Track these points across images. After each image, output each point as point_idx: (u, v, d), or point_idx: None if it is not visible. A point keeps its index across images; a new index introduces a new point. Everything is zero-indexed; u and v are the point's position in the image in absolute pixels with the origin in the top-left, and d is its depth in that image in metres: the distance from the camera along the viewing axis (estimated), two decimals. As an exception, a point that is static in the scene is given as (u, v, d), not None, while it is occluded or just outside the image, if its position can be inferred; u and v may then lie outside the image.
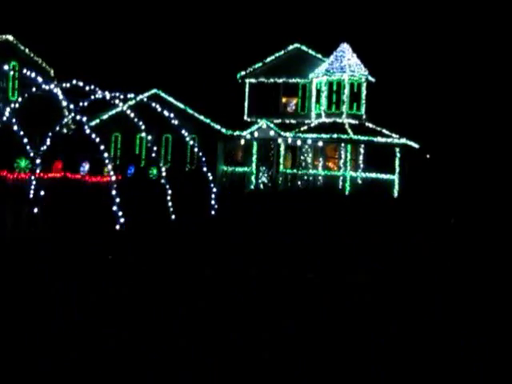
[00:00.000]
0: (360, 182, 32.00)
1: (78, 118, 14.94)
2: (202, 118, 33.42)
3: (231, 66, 39.50)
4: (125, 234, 13.77)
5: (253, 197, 31.56)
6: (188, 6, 61.88)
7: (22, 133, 15.55)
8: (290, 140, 32.74)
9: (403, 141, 32.17)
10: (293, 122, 35.14)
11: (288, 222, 20.39)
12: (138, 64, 50.28)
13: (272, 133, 33.07)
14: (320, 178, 32.23)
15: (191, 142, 20.49)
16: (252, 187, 33.15)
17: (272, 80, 35.81)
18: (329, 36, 47.35)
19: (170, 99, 33.17)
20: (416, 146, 33.65)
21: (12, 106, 15.37)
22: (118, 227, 13.94)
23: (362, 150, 34.35)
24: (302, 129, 33.28)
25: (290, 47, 35.86)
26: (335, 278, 10.56)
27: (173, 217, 17.89)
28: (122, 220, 14.01)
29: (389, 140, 32.05)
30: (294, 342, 6.81)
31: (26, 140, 15.84)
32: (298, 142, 32.78)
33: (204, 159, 20.43)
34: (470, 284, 10.84)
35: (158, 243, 13.52)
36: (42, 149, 17.39)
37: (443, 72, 50.65)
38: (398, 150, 32.28)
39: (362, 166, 33.97)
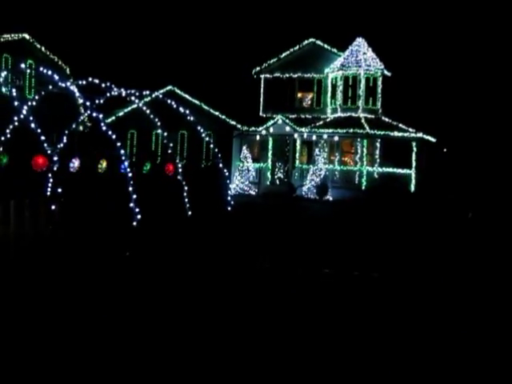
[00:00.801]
0: (377, 176, 31.81)
1: (95, 115, 14.99)
2: (217, 114, 33.41)
3: (246, 62, 39.42)
4: (142, 231, 13.82)
5: (269, 192, 31.54)
6: (203, 2, 61.88)
7: (39, 131, 15.63)
8: (305, 135, 32.63)
9: (420, 135, 31.94)
10: (308, 117, 35.01)
11: (303, 218, 20.35)
12: (153, 61, 50.36)
13: (288, 128, 32.99)
14: (336, 173, 32.10)
15: (207, 139, 20.51)
16: (268, 183, 33.10)
17: (287, 75, 35.70)
18: (344, 31, 47.12)
19: (186, 96, 33.17)
20: (433, 140, 33.38)
21: (29, 103, 15.45)
22: (134, 224, 13.98)
23: (378, 145, 34.14)
24: (317, 124, 33.16)
25: (305, 42, 35.71)
26: (351, 273, 10.51)
27: (189, 213, 17.92)
28: (138, 217, 14.05)
29: (405, 134, 31.84)
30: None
31: (43, 138, 15.92)
32: (314, 137, 32.67)
33: (220, 155, 20.45)
34: (485, 281, 10.73)
35: (175, 240, 13.55)
36: (58, 146, 17.48)
37: (459, 65, 50.18)
38: (414, 144, 32.05)
39: (378, 160, 33.76)
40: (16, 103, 14.91)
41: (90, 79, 15.41)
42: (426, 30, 53.16)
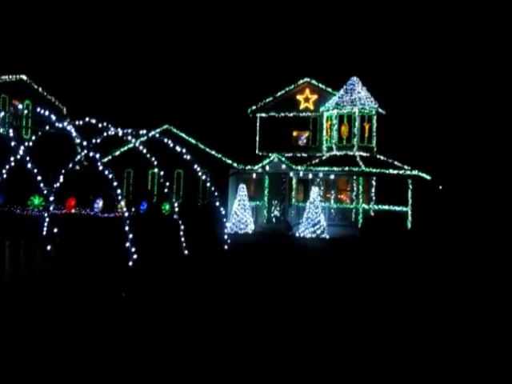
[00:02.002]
0: (373, 214, 31.81)
1: (91, 154, 15.01)
2: (213, 152, 33.51)
3: (242, 101, 39.73)
4: (138, 271, 13.71)
5: (266, 230, 31.45)
6: (199, 42, 62.69)
7: (35, 170, 15.62)
8: (301, 173, 32.72)
9: (415, 172, 32.06)
10: (304, 155, 35.16)
11: (300, 258, 20.24)
12: (149, 100, 50.74)
13: (283, 166, 33.09)
14: (333, 210, 32.10)
15: (203, 177, 20.52)
16: (264, 221, 33.04)
17: (283, 114, 35.99)
18: (338, 70, 47.66)
19: (182, 134, 33.34)
20: (428, 177, 33.50)
21: (26, 144, 15.49)
22: (130, 264, 13.88)
23: (373, 183, 34.23)
24: (313, 162, 33.28)
25: (300, 81, 36.10)
26: (343, 318, 10.41)
27: (186, 252, 17.82)
28: (134, 256, 13.96)
29: (400, 172, 31.95)
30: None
31: (39, 177, 15.91)
32: (310, 176, 32.75)
33: (216, 194, 20.45)
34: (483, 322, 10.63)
35: (171, 280, 13.43)
36: (55, 186, 17.46)
37: (453, 103, 50.72)
38: (410, 181, 32.16)
39: (374, 198, 33.81)
40: (13, 143, 14.95)
41: (87, 119, 15.49)
42: (419, 68, 53.82)
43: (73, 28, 55.57)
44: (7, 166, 15.09)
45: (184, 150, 18.86)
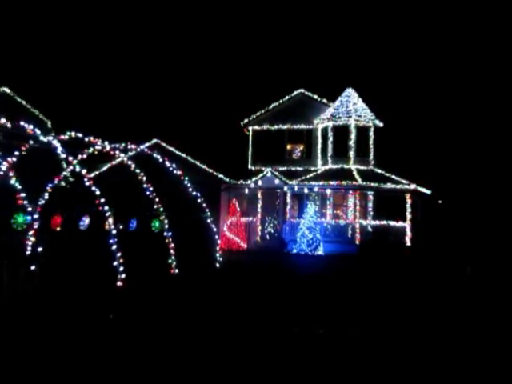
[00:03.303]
0: (370, 229, 31.81)
1: (77, 170, 14.97)
2: (204, 167, 33.50)
3: (234, 114, 39.94)
4: (126, 291, 13.63)
5: (259, 248, 31.39)
6: (189, 54, 62.93)
7: (18, 187, 15.56)
8: (296, 188, 32.74)
9: (413, 187, 32.11)
10: (299, 169, 35.22)
11: (295, 275, 20.18)
12: (138, 114, 50.85)
13: (277, 181, 33.11)
14: (329, 226, 32.07)
15: (194, 193, 20.49)
16: (258, 238, 32.97)
17: (276, 127, 36.07)
18: (333, 81, 48.01)
19: (172, 149, 33.31)
20: (427, 191, 33.59)
21: (9, 159, 15.42)
22: (119, 283, 13.80)
23: (371, 197, 34.25)
24: (308, 176, 33.31)
25: (294, 93, 36.24)
26: (340, 331, 10.37)
27: (176, 271, 17.75)
28: (123, 276, 13.89)
29: (398, 186, 32.01)
30: None
31: (23, 194, 15.83)
32: (305, 190, 32.77)
33: (207, 210, 20.41)
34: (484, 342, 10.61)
35: (161, 301, 13.35)
36: (39, 203, 17.38)
37: (452, 115, 51.00)
38: (408, 196, 32.19)
39: (371, 213, 33.83)
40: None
41: (73, 133, 15.44)
42: (417, 79, 54.20)
43: (59, 40, 55.69)
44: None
45: (174, 165, 18.85)
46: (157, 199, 18.85)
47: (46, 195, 17.55)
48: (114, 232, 14.29)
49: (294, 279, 18.90)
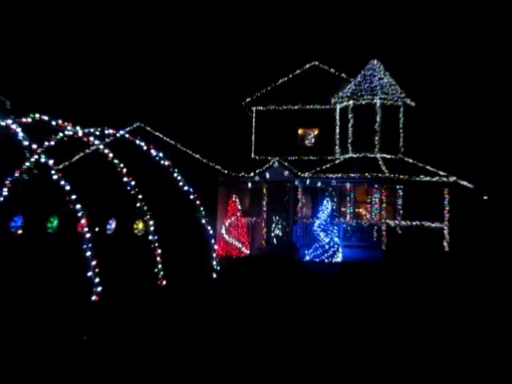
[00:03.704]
0: (400, 232, 31.74)
1: (43, 160, 14.93)
2: (198, 156, 33.47)
3: (234, 91, 39.79)
4: (103, 306, 13.61)
5: (265, 254, 31.35)
6: (176, 20, 62.79)
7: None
8: (309, 182, 32.67)
9: (453, 179, 31.99)
10: (312, 158, 35.16)
11: (307, 290, 20.11)
12: (116, 92, 50.73)
13: (286, 173, 33.05)
14: (349, 228, 32.00)
15: (185, 188, 20.45)
16: (263, 242, 32.96)
17: (285, 107, 36.00)
18: (354, 52, 47.83)
19: (158, 134, 33.29)
20: (470, 185, 33.46)
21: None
22: (94, 298, 13.78)
23: (400, 192, 34.18)
24: (323, 167, 33.23)
25: (307, 66, 36.20)
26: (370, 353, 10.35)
27: (164, 282, 17.72)
28: (98, 289, 13.86)
29: (434, 179, 31.89)
30: None
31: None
32: (320, 184, 32.70)
33: (202, 208, 20.36)
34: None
35: (144, 319, 13.32)
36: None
37: (500, 93, 50.72)
38: (446, 190, 32.07)
39: (401, 212, 33.74)
40: None
41: (37, 115, 15.39)
42: (457, 46, 53.86)
43: (25, 10, 55.64)
44: None
45: (161, 154, 18.79)
46: (140, 196, 18.79)
47: (5, 191, 17.51)
48: (88, 236, 14.25)
49: (305, 295, 18.80)
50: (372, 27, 58.42)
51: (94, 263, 13.97)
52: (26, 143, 15.09)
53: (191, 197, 20.45)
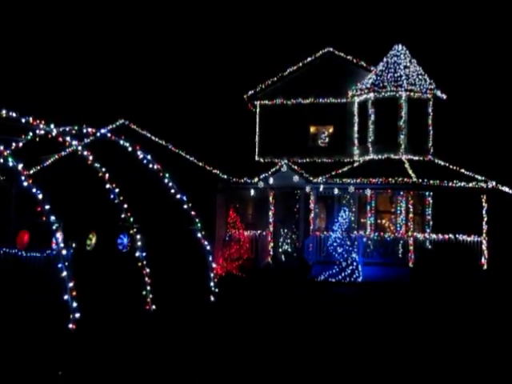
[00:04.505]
0: (430, 246, 31.66)
1: (11, 164, 14.89)
2: (193, 159, 33.43)
3: (235, 83, 39.78)
4: (80, 336, 13.58)
5: (271, 273, 31.30)
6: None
7: None
8: (322, 188, 32.62)
9: (492, 185, 31.91)
10: (326, 161, 35.12)
11: (319, 318, 20.04)
12: (96, 85, 50.73)
13: (296, 178, 32.99)
14: (370, 242, 31.92)
15: (178, 196, 20.42)
16: (269, 259, 32.89)
17: (294, 101, 35.97)
18: (374, 36, 47.81)
19: (146, 133, 33.24)
20: None
21: None
22: (71, 326, 13.73)
23: (430, 200, 34.13)
24: (340, 171, 33.19)
25: (320, 53, 36.11)
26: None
27: (153, 307, 17.68)
28: (76, 315, 13.82)
29: (470, 184, 31.81)
30: None
31: None
32: (336, 191, 32.66)
33: (198, 219, 20.33)
34: None
35: (128, 350, 13.28)
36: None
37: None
38: (484, 198, 31.98)
39: (431, 223, 33.67)
40: None
41: (4, 112, 15.38)
42: (496, 29, 53.77)
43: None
44: None
45: (149, 157, 18.77)
46: (125, 205, 18.76)
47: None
48: (64, 252, 14.20)
49: (318, 326, 18.66)
50: (396, 6, 58.39)
51: (70, 285, 13.92)
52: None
53: (185, 206, 20.40)
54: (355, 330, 17.47)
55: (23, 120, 15.95)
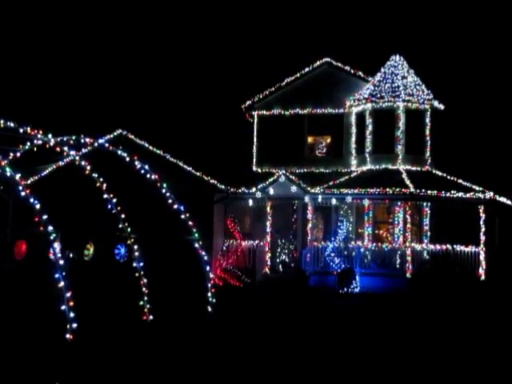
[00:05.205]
0: (427, 257, 31.66)
1: (8, 174, 14.89)
2: (190, 169, 33.44)
3: (232, 93, 39.79)
4: (79, 346, 13.56)
5: (269, 283, 31.27)
6: (168, 10, 63.01)
7: None
8: (320, 198, 32.62)
9: (490, 195, 31.94)
10: (324, 171, 35.13)
11: (316, 330, 20.03)
12: (94, 96, 50.76)
13: (294, 189, 32.98)
14: (367, 252, 31.90)
15: (175, 206, 20.41)
16: (267, 269, 32.85)
17: (292, 111, 35.99)
18: (372, 47, 47.90)
19: (144, 143, 33.26)
20: (509, 202, 33.41)
21: None
22: (68, 336, 13.71)
23: (428, 211, 34.14)
24: (337, 181, 33.19)
25: (318, 63, 36.15)
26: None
27: (150, 317, 17.67)
28: (74, 325, 13.79)
29: (468, 195, 31.83)
30: None
31: None
32: (333, 202, 32.66)
33: (195, 230, 20.32)
34: None
35: (125, 361, 13.27)
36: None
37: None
38: (482, 208, 31.99)
39: (428, 233, 33.68)
40: None
41: (1, 122, 15.38)
42: (494, 39, 53.89)
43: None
44: None
45: (147, 167, 18.77)
46: (122, 215, 18.76)
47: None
48: (62, 262, 14.19)
49: (315, 337, 18.64)
50: (393, 16, 58.49)
51: (68, 295, 13.90)
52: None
53: (182, 216, 20.39)
54: (352, 340, 17.46)
55: (21, 130, 15.95)
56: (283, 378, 12.31)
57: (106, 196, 18.30)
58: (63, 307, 13.87)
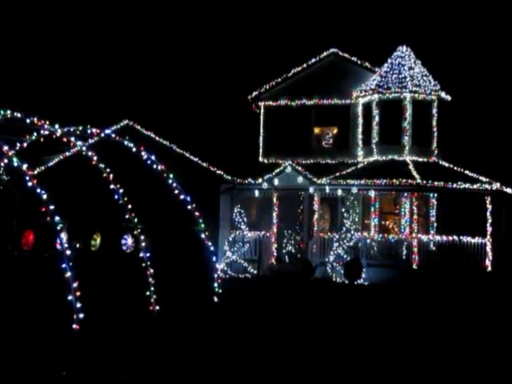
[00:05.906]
0: (434, 248, 31.62)
1: (16, 164, 14.91)
2: (196, 160, 33.42)
3: (239, 84, 39.69)
4: (85, 336, 13.57)
5: (275, 274, 31.26)
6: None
7: None
8: (327, 189, 32.58)
9: (497, 187, 31.86)
10: (330, 162, 35.07)
11: (323, 319, 20.01)
12: (101, 87, 50.69)
13: (300, 179, 32.96)
14: (374, 243, 31.87)
15: (182, 196, 20.41)
16: (273, 260, 32.86)
17: (298, 102, 35.92)
18: (379, 38, 47.68)
19: (150, 134, 33.24)
20: (516, 193, 33.32)
21: None
22: (74, 326, 13.73)
23: (434, 202, 34.08)
24: (344, 172, 33.14)
25: (325, 53, 36.05)
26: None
27: (156, 308, 17.68)
28: (80, 315, 13.81)
29: (475, 186, 31.77)
30: None
31: None
32: (339, 192, 32.61)
33: (201, 220, 20.30)
34: None
35: (131, 350, 13.27)
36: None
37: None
38: (489, 199, 31.93)
39: (435, 225, 33.63)
40: None
41: (8, 112, 15.39)
42: (502, 29, 53.60)
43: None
44: None
45: (153, 157, 18.76)
46: (129, 206, 18.76)
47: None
48: (69, 253, 14.21)
49: (321, 327, 18.62)
50: (400, 7, 58.24)
51: (74, 285, 13.91)
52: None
53: (189, 207, 20.39)
54: (359, 331, 17.44)
55: (28, 120, 15.96)
56: (289, 369, 12.31)
57: (112, 186, 18.28)
58: (70, 297, 13.90)
